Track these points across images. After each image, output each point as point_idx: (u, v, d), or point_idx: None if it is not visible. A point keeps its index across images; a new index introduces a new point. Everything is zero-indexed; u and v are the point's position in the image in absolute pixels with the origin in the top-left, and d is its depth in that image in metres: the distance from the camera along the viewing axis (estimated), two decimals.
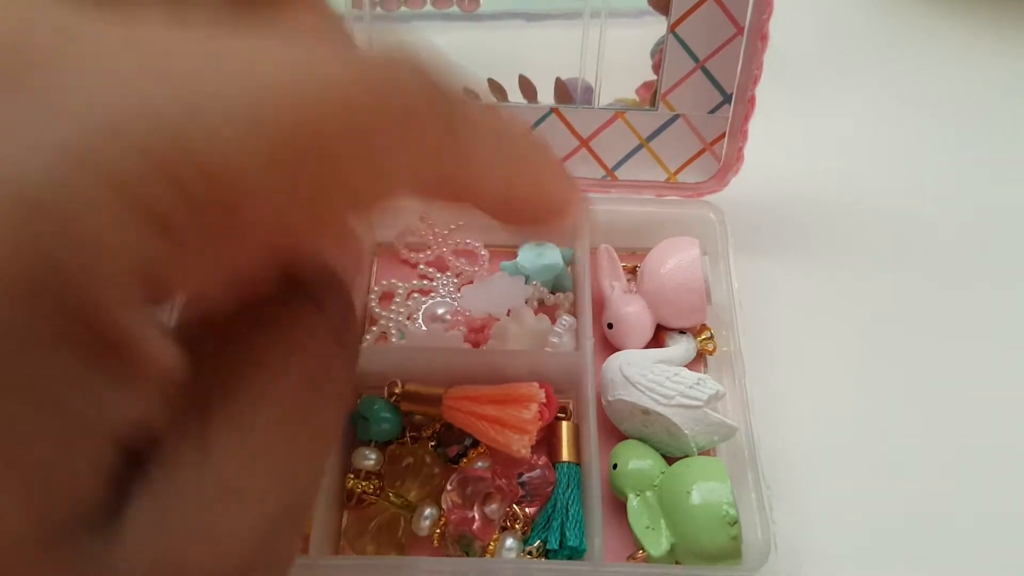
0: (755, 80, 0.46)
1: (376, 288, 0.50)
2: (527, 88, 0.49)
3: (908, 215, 0.56)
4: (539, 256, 0.50)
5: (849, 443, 0.46)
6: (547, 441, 0.44)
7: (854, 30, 0.66)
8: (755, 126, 0.48)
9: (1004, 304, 0.52)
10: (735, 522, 0.39)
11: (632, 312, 0.48)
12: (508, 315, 0.47)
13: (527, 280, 0.49)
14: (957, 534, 0.43)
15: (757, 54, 0.45)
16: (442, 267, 0.51)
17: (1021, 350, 0.50)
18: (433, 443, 0.44)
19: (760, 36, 0.45)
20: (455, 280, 0.50)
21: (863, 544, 0.43)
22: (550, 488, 0.42)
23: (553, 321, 0.48)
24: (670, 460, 0.43)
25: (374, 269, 0.52)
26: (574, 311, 0.49)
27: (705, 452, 0.44)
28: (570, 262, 0.51)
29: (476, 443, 0.43)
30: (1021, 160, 0.59)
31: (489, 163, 0.19)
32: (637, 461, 0.43)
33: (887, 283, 0.52)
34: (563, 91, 0.49)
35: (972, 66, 0.64)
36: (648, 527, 0.41)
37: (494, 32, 0.50)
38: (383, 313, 0.49)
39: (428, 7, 0.49)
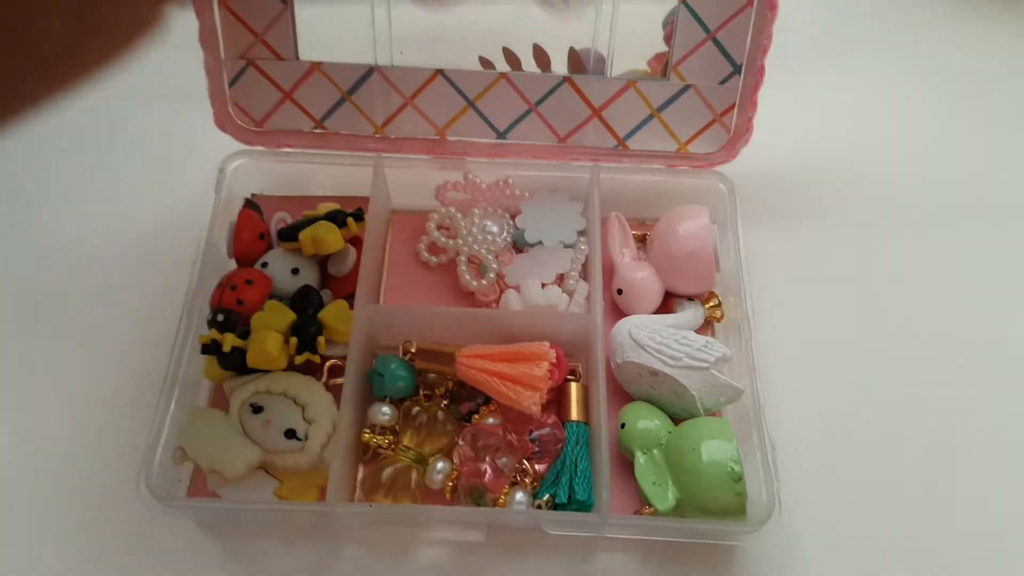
0: (764, 50, 0.47)
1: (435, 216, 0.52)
2: (541, 58, 0.50)
3: (914, 185, 0.56)
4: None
5: (852, 405, 0.47)
6: (557, 402, 0.45)
7: (861, 2, 0.66)
8: (764, 97, 0.49)
9: (1009, 273, 0.53)
10: (740, 478, 0.39)
11: (641, 278, 0.49)
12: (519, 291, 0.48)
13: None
14: (959, 498, 0.44)
15: (767, 24, 0.46)
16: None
17: None
18: (446, 400, 0.45)
19: (770, 6, 0.45)
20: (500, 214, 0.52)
21: (864, 501, 0.44)
22: (559, 445, 0.43)
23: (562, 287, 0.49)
24: (677, 422, 0.44)
25: (389, 236, 0.53)
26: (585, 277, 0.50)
27: (711, 414, 0.45)
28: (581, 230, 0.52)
29: (488, 400, 0.44)
30: (1021, 133, 0.60)
31: None
32: (645, 421, 0.43)
33: (892, 251, 0.53)
34: (576, 61, 0.50)
35: (977, 39, 0.64)
36: (655, 483, 0.41)
37: (509, 2, 0.51)
38: (456, 242, 0.50)
39: None
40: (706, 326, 0.49)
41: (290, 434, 0.41)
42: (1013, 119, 0.60)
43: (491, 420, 0.44)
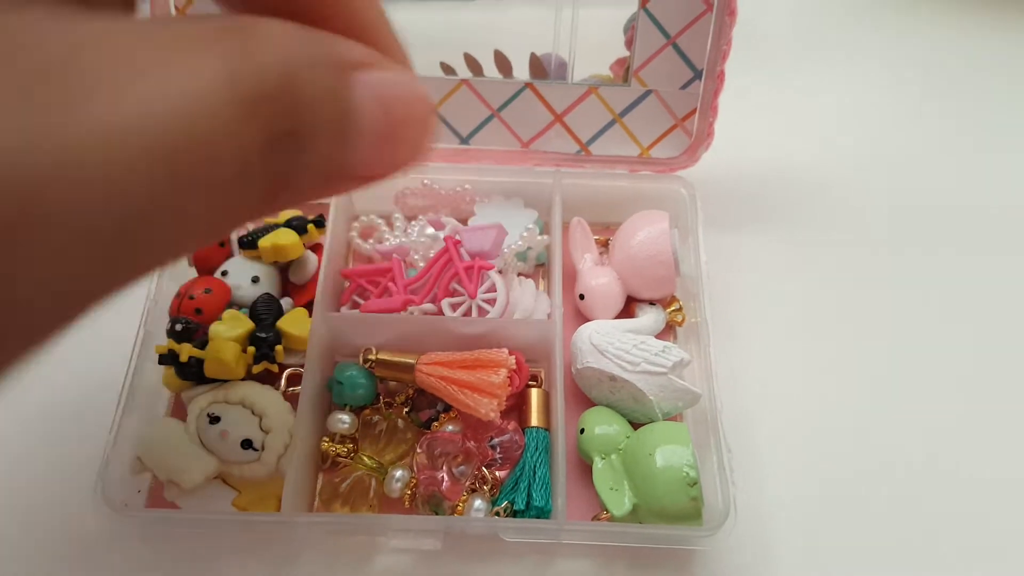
0: (724, 55, 0.47)
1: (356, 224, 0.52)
2: (502, 63, 0.50)
3: (877, 189, 0.57)
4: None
5: (809, 409, 0.47)
6: (518, 407, 0.46)
7: (823, 7, 0.67)
8: (725, 102, 0.49)
9: (967, 277, 0.53)
10: (695, 483, 0.40)
11: (603, 283, 0.49)
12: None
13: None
14: (916, 499, 0.45)
15: (726, 30, 0.46)
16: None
17: (981, 321, 0.51)
18: (407, 408, 0.45)
19: (728, 12, 0.45)
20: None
21: (825, 503, 0.44)
22: (519, 452, 0.43)
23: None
24: (636, 427, 0.44)
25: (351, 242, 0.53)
26: (547, 283, 0.50)
27: (671, 419, 0.45)
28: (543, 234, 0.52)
29: (448, 408, 0.44)
30: (984, 137, 0.60)
31: (375, 149, 0.19)
32: (604, 426, 0.44)
33: (851, 257, 0.54)
34: (538, 66, 0.50)
35: (939, 43, 0.65)
36: (612, 488, 0.42)
37: (470, 7, 0.51)
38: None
39: None
40: (668, 330, 0.50)
41: (246, 444, 0.41)
42: (983, 123, 0.61)
43: (451, 427, 0.44)
